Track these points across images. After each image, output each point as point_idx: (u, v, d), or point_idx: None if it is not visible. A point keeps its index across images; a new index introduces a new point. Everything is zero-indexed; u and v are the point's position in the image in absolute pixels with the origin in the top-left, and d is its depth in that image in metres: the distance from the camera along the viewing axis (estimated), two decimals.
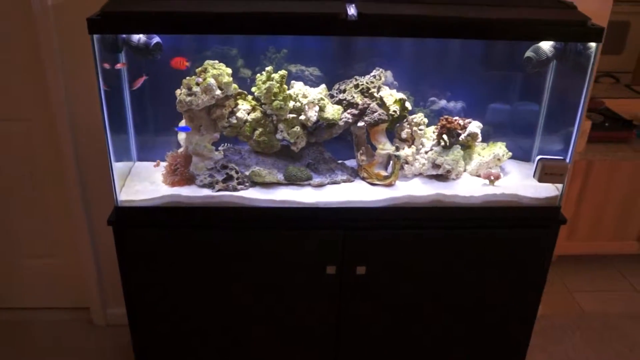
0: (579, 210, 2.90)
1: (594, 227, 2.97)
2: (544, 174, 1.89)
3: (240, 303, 1.99)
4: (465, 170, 2.04)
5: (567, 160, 1.88)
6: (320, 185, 1.96)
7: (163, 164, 2.02)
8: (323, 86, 1.99)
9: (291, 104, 1.92)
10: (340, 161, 2.06)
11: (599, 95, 3.14)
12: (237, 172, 1.91)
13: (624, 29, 3.83)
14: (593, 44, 1.74)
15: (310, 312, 2.02)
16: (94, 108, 1.79)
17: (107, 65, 1.77)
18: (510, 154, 2.02)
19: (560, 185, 1.93)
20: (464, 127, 1.99)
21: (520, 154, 2.12)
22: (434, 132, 2.03)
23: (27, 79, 2.24)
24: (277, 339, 2.08)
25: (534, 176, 1.93)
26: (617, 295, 2.98)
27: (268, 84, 1.88)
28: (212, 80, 1.86)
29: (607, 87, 3.53)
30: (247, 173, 1.92)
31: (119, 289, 1.97)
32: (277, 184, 1.94)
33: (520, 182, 1.99)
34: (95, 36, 1.62)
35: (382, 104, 1.96)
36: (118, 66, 1.85)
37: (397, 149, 2.00)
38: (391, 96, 1.96)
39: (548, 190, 1.95)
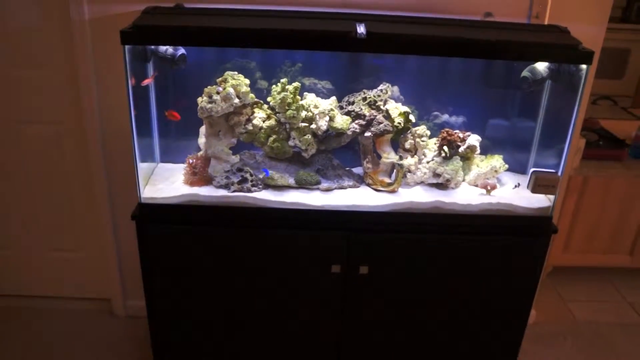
0: (574, 224, 2.91)
1: (588, 241, 2.98)
2: (537, 186, 1.93)
3: (251, 296, 2.04)
4: (464, 180, 2.09)
5: (559, 173, 1.92)
6: (328, 190, 2.01)
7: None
8: (333, 98, 2.05)
9: (303, 113, 1.97)
10: (347, 168, 2.11)
11: (596, 116, 3.17)
12: (251, 175, 1.97)
13: (625, 56, 3.86)
14: (584, 66, 1.79)
15: (316, 307, 2.07)
16: (123, 112, 1.87)
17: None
18: (506, 166, 2.06)
19: (552, 197, 1.97)
20: (464, 140, 2.04)
21: (516, 167, 2.16)
22: (435, 144, 2.08)
23: (61, 85, 2.30)
24: (285, 331, 2.12)
25: (527, 187, 1.97)
26: (609, 305, 2.99)
27: (282, 94, 1.94)
28: (231, 90, 1.92)
29: (605, 109, 3.56)
30: (260, 176, 1.98)
31: (139, 282, 2.02)
32: (288, 187, 2.00)
33: (515, 193, 2.03)
34: (126, 47, 1.70)
35: (387, 116, 2.01)
36: (145, 82, 1.92)
37: (401, 158, 2.05)
38: (396, 109, 2.02)
39: (541, 201, 1.99)
